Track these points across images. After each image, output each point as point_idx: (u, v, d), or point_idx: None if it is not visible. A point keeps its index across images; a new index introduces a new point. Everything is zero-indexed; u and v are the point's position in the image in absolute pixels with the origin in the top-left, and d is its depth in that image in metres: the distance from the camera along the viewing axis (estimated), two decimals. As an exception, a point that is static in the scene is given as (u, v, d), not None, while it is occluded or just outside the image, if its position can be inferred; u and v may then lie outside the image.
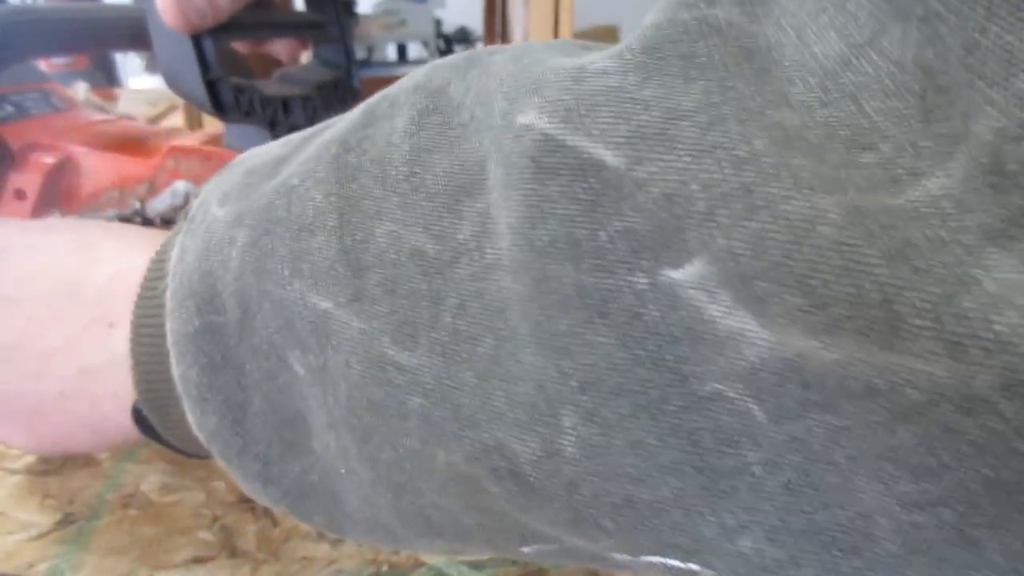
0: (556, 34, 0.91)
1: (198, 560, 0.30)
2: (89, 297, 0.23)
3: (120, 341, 0.22)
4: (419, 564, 0.30)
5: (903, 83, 0.12)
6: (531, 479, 0.16)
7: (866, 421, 0.12)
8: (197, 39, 0.36)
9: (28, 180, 0.40)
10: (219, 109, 0.38)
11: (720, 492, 0.14)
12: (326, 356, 0.18)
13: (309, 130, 0.22)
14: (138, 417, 0.23)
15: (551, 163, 0.15)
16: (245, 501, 0.34)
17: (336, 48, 0.48)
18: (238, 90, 0.38)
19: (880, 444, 0.12)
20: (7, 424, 0.26)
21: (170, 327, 0.20)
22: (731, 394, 0.13)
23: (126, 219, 0.39)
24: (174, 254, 0.21)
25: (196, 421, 0.21)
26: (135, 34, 0.43)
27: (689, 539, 0.15)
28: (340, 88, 0.47)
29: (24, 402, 0.25)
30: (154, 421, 0.22)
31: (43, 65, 1.28)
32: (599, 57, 0.15)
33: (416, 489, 0.18)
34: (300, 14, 0.47)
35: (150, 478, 0.36)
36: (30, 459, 0.37)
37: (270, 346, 0.19)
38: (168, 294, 0.20)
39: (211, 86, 0.37)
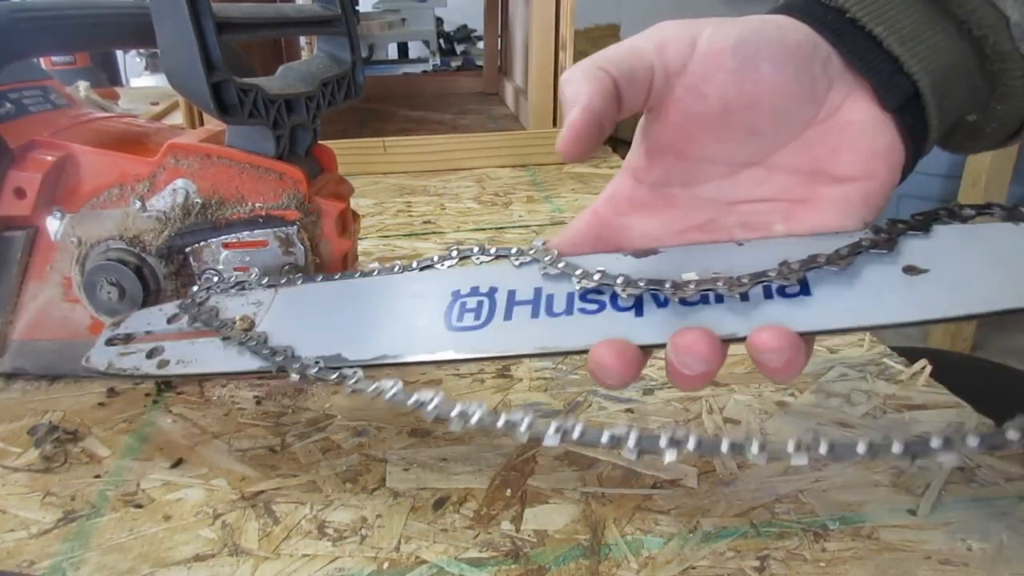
0: (557, 33, 0.91)
1: (199, 558, 0.30)
2: None
3: None
4: (420, 563, 0.30)
5: None
6: None
7: None
8: (203, 39, 0.35)
9: (28, 178, 0.40)
10: (223, 111, 0.37)
11: None
12: None
13: None
14: None
15: None
16: (246, 499, 0.34)
17: (341, 43, 0.48)
18: (242, 91, 0.38)
19: None
20: None
21: None
22: None
23: None
24: None
25: None
26: (139, 32, 0.43)
27: None
28: (345, 85, 0.47)
29: None
30: None
31: (45, 63, 1.28)
32: None
33: None
34: (307, 8, 0.47)
35: (151, 476, 0.36)
36: (31, 457, 0.37)
37: None
38: None
39: (216, 88, 0.37)
